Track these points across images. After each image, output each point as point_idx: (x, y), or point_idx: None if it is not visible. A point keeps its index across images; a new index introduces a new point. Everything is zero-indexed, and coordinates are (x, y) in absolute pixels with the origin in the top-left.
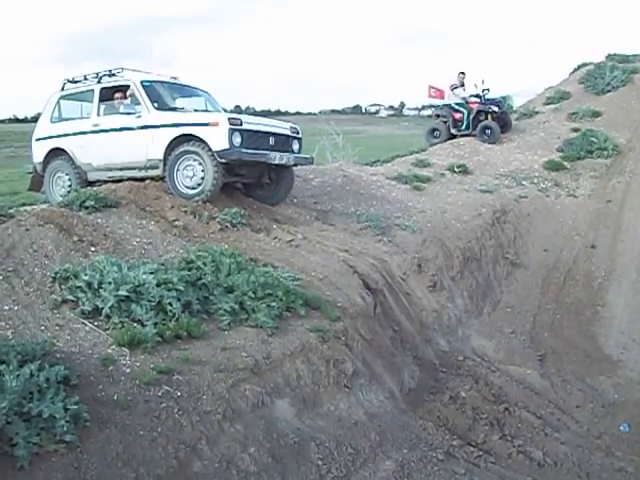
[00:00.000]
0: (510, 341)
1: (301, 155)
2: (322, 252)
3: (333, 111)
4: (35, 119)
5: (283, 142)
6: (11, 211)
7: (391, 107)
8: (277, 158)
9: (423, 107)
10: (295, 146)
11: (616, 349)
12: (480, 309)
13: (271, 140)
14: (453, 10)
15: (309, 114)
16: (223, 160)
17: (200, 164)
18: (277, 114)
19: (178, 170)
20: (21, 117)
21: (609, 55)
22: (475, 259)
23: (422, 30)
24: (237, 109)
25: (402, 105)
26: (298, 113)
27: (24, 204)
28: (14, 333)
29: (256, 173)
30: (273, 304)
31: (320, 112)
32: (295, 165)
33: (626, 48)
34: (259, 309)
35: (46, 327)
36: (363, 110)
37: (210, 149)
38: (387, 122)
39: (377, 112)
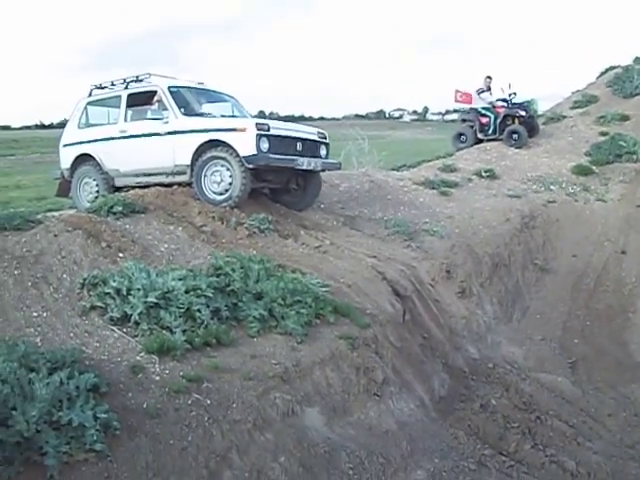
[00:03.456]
0: (540, 348)
1: (329, 160)
2: (350, 258)
3: (357, 116)
4: (61, 125)
5: (311, 147)
6: (39, 217)
7: (415, 112)
8: (305, 163)
9: (447, 112)
10: (323, 151)
11: None
12: (509, 316)
13: (299, 145)
14: (478, 16)
15: (333, 119)
16: (251, 166)
17: (228, 170)
18: (301, 119)
19: (205, 176)
20: (47, 123)
21: (637, 58)
22: (504, 265)
23: (447, 36)
24: (261, 114)
25: (426, 110)
26: (322, 118)
27: (50, 209)
28: (43, 340)
29: (284, 179)
30: (302, 311)
31: (344, 117)
32: (323, 170)
33: None
34: (288, 316)
35: (75, 334)
36: (387, 115)
37: (238, 154)
38: (411, 127)
39: (401, 117)
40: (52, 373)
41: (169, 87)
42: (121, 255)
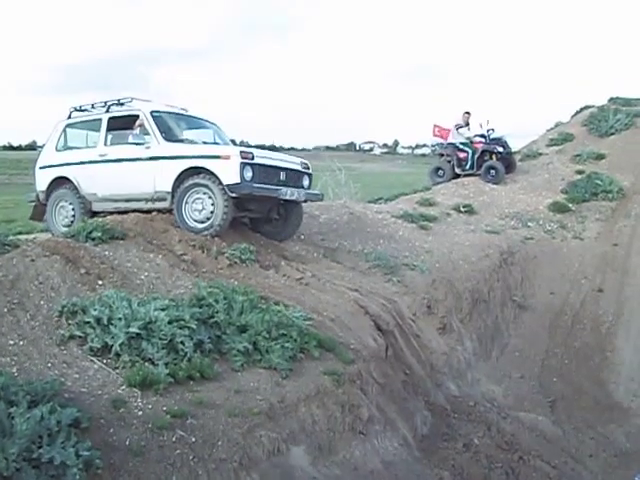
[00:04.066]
0: (519, 386)
1: (311, 191)
2: (332, 291)
3: (327, 147)
4: (30, 147)
5: (294, 177)
6: (12, 239)
7: (385, 145)
8: (288, 194)
9: (417, 146)
10: (305, 182)
11: (626, 396)
12: (489, 352)
13: (282, 175)
14: (451, 49)
15: (303, 150)
16: (234, 194)
17: (210, 197)
18: (271, 149)
19: (187, 203)
20: (15, 144)
21: (612, 98)
22: (483, 301)
23: (418, 69)
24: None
25: (396, 143)
26: (292, 148)
27: (20, 232)
28: (19, 370)
29: (265, 208)
30: (287, 345)
31: (314, 148)
32: (305, 201)
33: (628, 91)
34: (273, 350)
35: (53, 364)
36: (357, 147)
37: (221, 182)
38: (381, 160)
39: (371, 149)
40: (32, 407)
41: (152, 112)
42: (100, 282)
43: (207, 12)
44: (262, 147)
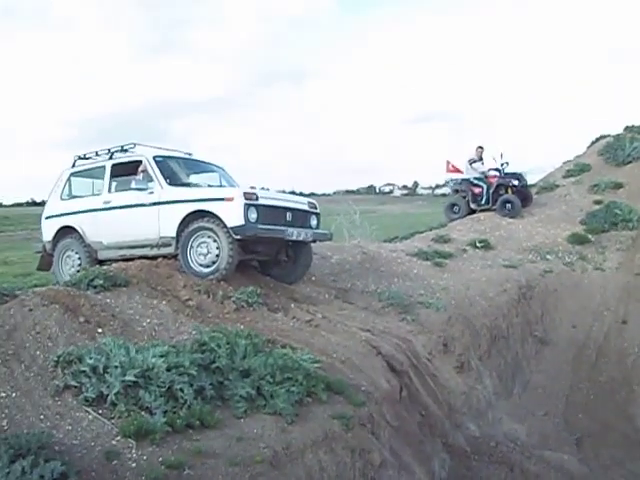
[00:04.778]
0: (543, 424)
1: (319, 231)
2: (343, 332)
3: (348, 191)
4: None
5: (301, 217)
6: (18, 292)
7: (405, 186)
8: (295, 234)
9: (437, 186)
10: (313, 222)
11: None
12: (510, 390)
13: (288, 215)
14: (463, 92)
15: (324, 195)
16: (238, 236)
17: (215, 241)
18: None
19: (192, 247)
20: (38, 200)
21: (627, 127)
22: (502, 337)
23: (433, 112)
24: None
25: (416, 184)
26: (313, 194)
27: (36, 285)
28: (10, 423)
29: (273, 250)
30: (293, 389)
31: (335, 192)
32: (314, 241)
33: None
34: (277, 394)
35: (45, 416)
36: (377, 190)
37: (225, 225)
38: (401, 201)
39: (391, 192)
40: (14, 461)
41: (154, 157)
42: (100, 330)
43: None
44: (283, 193)
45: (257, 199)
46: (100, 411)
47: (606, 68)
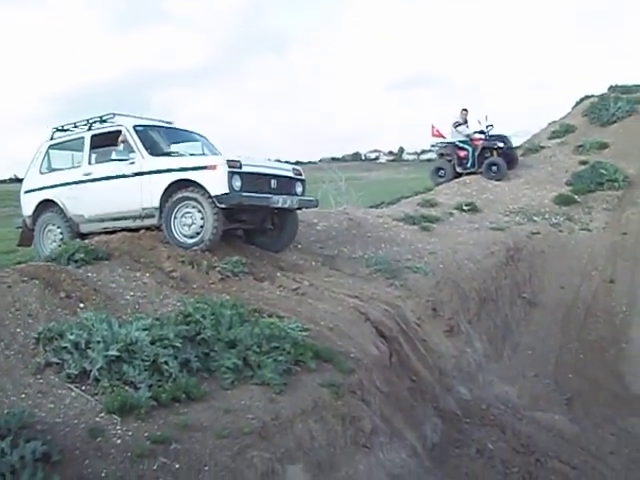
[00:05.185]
0: (534, 385)
1: (305, 198)
2: (331, 299)
3: (333, 159)
4: None
5: (286, 185)
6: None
7: (390, 152)
8: (280, 201)
9: (423, 151)
10: (298, 188)
11: None
12: (500, 353)
13: (273, 183)
14: (446, 55)
15: (309, 162)
16: (223, 205)
17: (199, 211)
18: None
19: (175, 218)
20: (21, 177)
21: (611, 87)
22: (491, 300)
23: (416, 76)
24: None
25: (401, 150)
26: (298, 162)
27: (20, 262)
28: None
29: (258, 218)
30: (280, 358)
31: (320, 160)
32: (299, 208)
33: (628, 79)
34: (265, 364)
35: (27, 394)
36: (363, 157)
37: (209, 194)
38: (387, 167)
39: (377, 158)
40: None
41: (135, 126)
42: (82, 305)
43: (201, 32)
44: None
45: (241, 167)
46: (83, 387)
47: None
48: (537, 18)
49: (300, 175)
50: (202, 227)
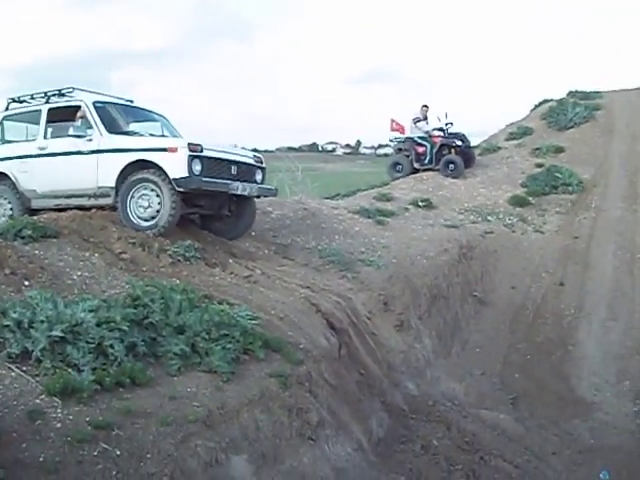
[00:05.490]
0: (480, 383)
1: (265, 186)
2: (282, 289)
3: (290, 148)
4: None
5: (246, 171)
6: None
7: (347, 145)
8: (240, 188)
9: (380, 146)
10: (258, 176)
11: (589, 391)
12: (449, 349)
13: (233, 169)
14: (403, 51)
15: (266, 151)
16: (181, 189)
17: (156, 194)
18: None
19: (132, 199)
20: None
21: (570, 92)
22: (442, 297)
23: (373, 72)
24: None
25: (358, 144)
26: (255, 150)
27: None
28: None
29: (216, 204)
30: (229, 346)
31: (277, 149)
32: (258, 196)
33: (587, 85)
34: (213, 352)
35: None
36: (320, 148)
37: (167, 177)
38: (343, 160)
39: (334, 150)
40: None
41: (94, 102)
42: (27, 283)
43: (164, 15)
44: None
45: (202, 150)
46: (24, 368)
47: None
48: (502, 19)
49: (261, 163)
50: (159, 211)
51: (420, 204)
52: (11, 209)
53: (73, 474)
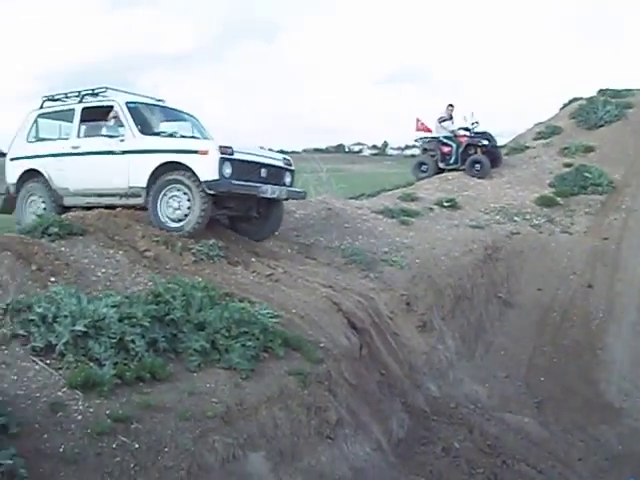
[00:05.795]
0: (505, 386)
1: (294, 189)
2: (304, 287)
3: (316, 150)
4: None
5: (275, 174)
6: None
7: (374, 146)
8: (269, 191)
9: (407, 146)
10: (288, 179)
11: (618, 396)
12: (472, 351)
13: (263, 172)
14: (433, 49)
15: (293, 152)
16: (212, 192)
17: (187, 196)
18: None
19: (162, 200)
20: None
21: (601, 90)
22: (467, 298)
23: (405, 71)
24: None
25: (385, 144)
26: (282, 151)
27: None
28: None
29: (245, 206)
30: (249, 343)
31: (304, 150)
32: (287, 199)
33: (617, 83)
34: (233, 349)
35: None
36: (346, 149)
37: (198, 179)
38: (370, 161)
39: (360, 151)
40: None
41: (127, 103)
42: (53, 279)
43: (189, 16)
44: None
45: (232, 153)
46: (48, 361)
47: (584, 30)
48: (531, 17)
49: (290, 165)
50: (188, 213)
51: (445, 204)
52: (43, 203)
53: (92, 465)
